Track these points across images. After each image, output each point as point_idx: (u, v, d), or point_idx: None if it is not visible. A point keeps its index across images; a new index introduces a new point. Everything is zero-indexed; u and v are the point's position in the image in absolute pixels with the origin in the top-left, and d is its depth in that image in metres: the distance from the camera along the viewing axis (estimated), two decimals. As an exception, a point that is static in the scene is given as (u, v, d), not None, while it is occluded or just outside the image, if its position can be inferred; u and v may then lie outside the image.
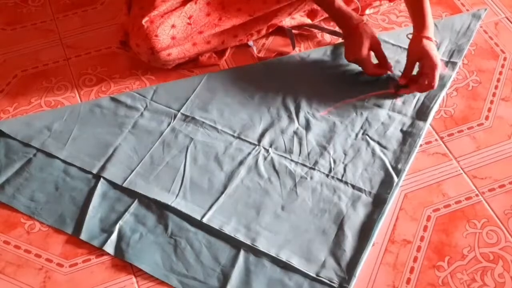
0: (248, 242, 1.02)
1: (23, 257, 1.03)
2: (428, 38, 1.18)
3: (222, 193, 1.09)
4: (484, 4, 1.44)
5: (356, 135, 1.18)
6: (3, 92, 1.28)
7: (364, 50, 1.22)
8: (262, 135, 1.18)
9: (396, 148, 1.16)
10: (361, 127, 1.19)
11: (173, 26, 1.22)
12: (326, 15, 1.39)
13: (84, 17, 1.43)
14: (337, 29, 1.39)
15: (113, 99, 1.24)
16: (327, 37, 1.37)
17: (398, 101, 1.23)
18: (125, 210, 1.07)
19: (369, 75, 1.26)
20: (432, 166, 1.14)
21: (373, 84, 1.25)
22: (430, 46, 1.18)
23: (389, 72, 1.26)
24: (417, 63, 1.21)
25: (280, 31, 1.37)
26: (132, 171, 1.12)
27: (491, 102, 1.25)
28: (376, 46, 1.24)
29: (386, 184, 1.10)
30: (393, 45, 1.33)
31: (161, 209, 1.07)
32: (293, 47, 1.34)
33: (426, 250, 1.03)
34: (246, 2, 1.27)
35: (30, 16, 1.44)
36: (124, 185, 1.10)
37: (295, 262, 1.00)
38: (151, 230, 1.05)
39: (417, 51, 1.19)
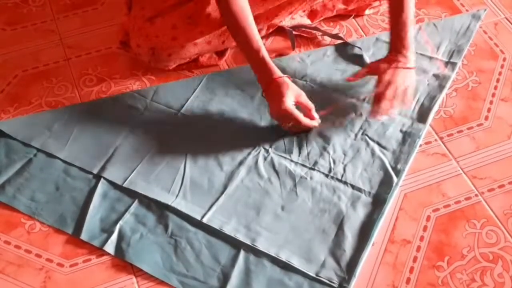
0: (248, 242, 1.02)
1: (24, 257, 1.03)
2: (406, 68, 1.15)
3: (222, 193, 1.09)
4: (484, 4, 1.44)
5: (356, 135, 1.18)
6: (3, 92, 1.28)
7: (288, 101, 1.09)
8: (262, 135, 1.18)
9: (395, 148, 1.16)
10: (361, 127, 1.19)
11: (173, 26, 1.22)
12: (326, 15, 1.39)
13: (84, 18, 1.43)
14: (335, 31, 1.39)
15: (114, 99, 1.24)
16: (327, 38, 1.37)
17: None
18: (126, 210, 1.07)
19: (300, 131, 1.16)
20: (432, 166, 1.14)
21: (373, 85, 1.25)
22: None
23: None
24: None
25: (280, 31, 1.36)
26: (132, 171, 1.12)
27: (491, 102, 1.25)
28: (301, 97, 1.13)
29: (386, 184, 1.10)
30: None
31: (161, 209, 1.07)
32: (293, 48, 1.34)
33: (425, 250, 1.03)
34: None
35: (30, 16, 1.44)
36: (124, 185, 1.10)
37: (295, 262, 1.00)
38: (151, 230, 1.05)
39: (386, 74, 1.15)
